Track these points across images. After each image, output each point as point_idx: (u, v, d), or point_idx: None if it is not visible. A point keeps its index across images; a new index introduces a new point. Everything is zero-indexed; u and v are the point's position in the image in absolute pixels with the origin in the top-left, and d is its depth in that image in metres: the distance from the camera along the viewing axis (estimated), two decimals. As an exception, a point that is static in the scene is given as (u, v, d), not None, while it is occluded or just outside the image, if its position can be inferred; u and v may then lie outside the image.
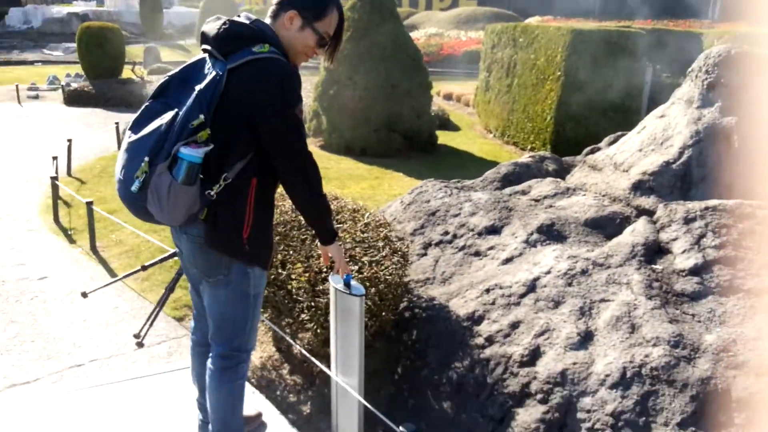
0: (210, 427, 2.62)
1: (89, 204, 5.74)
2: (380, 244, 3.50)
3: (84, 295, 3.32)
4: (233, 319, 2.45)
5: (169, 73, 2.28)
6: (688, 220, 3.20)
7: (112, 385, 3.43)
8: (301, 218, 3.52)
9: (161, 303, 3.40)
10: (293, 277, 3.38)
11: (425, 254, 4.00)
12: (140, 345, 3.35)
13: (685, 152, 3.65)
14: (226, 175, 2.18)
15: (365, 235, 3.56)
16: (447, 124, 12.71)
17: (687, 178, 3.61)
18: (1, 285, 4.81)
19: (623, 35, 8.91)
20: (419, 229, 4.22)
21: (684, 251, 3.08)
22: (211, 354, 2.55)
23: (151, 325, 3.29)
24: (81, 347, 3.88)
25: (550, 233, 3.60)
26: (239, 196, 2.24)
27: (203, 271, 2.39)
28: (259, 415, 3.15)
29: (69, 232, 6.18)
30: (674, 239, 3.18)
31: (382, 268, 3.32)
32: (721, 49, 3.86)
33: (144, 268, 3.06)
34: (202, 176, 2.13)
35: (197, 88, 2.12)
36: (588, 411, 2.54)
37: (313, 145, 9.87)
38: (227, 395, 2.56)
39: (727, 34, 12.27)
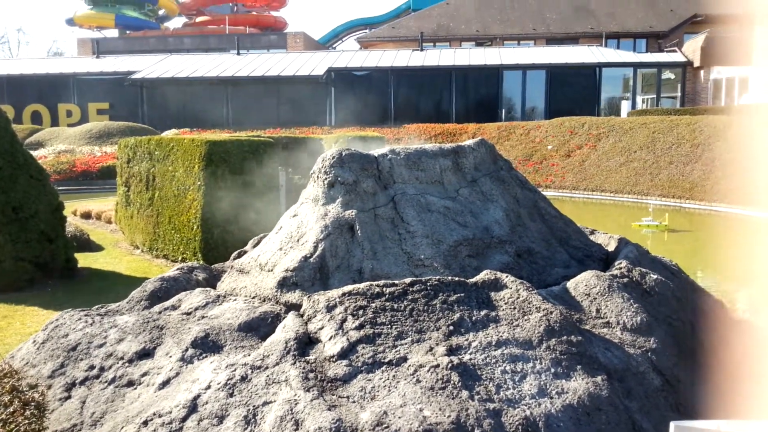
0: None
1: None
2: (6, 398, 2.96)
3: None
4: None
5: None
6: (330, 308, 3.44)
7: None
8: None
9: None
10: None
11: (69, 397, 3.50)
12: None
13: (319, 246, 3.96)
14: None
15: (-15, 392, 2.98)
16: (88, 245, 11.71)
17: (324, 269, 3.91)
18: None
19: (254, 144, 9.53)
20: (59, 369, 3.70)
21: (331, 338, 3.28)
22: None
23: None
24: None
25: (206, 345, 3.50)
26: None
27: None
28: None
29: None
30: (321, 328, 3.37)
31: (12, 427, 2.79)
32: (334, 152, 4.36)
33: None
34: None
35: None
36: None
37: None
38: None
39: (341, 137, 14.09)
